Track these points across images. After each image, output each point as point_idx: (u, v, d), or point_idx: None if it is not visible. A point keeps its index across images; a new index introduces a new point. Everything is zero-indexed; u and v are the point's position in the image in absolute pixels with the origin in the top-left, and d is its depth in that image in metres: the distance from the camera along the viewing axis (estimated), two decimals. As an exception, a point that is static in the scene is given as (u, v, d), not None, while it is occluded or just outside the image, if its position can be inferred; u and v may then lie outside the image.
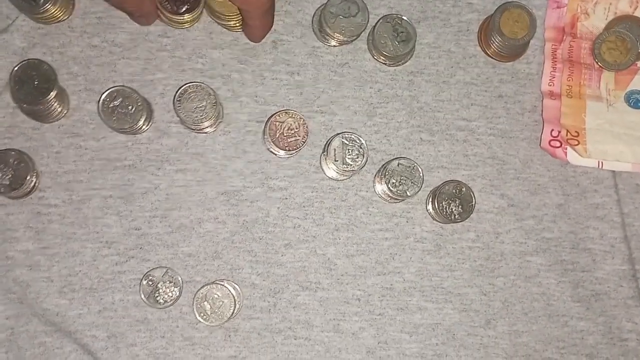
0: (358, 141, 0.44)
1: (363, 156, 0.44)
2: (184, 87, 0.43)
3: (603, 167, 0.46)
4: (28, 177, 0.43)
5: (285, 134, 0.44)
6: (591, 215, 0.47)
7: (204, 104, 0.43)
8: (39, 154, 0.45)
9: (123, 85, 0.44)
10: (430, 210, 0.46)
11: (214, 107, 0.43)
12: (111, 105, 0.43)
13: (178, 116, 0.43)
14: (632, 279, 0.46)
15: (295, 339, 0.45)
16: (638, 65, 0.47)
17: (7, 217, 0.44)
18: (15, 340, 0.43)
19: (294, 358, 0.44)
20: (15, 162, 0.43)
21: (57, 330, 0.43)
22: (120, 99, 0.43)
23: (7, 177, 0.42)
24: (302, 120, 0.44)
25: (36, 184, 0.44)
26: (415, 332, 0.45)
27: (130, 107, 0.43)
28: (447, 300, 0.46)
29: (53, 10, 0.43)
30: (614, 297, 0.46)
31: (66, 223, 0.44)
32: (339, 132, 0.45)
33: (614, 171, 0.47)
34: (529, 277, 0.46)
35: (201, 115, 0.42)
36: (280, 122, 0.44)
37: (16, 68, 0.43)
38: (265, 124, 0.45)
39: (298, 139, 0.44)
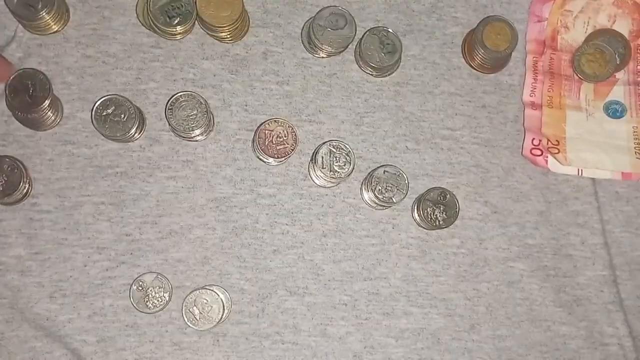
0: (345, 149, 0.45)
1: (350, 163, 0.45)
2: (176, 95, 0.44)
3: (583, 175, 0.47)
4: (21, 184, 0.44)
5: (274, 142, 0.45)
6: (572, 222, 0.48)
7: (195, 112, 0.44)
8: (32, 161, 0.45)
9: (116, 94, 0.45)
10: (416, 216, 0.47)
11: (205, 115, 0.44)
12: (104, 113, 0.44)
13: (169, 124, 0.44)
14: (612, 285, 0.47)
15: (282, 344, 0.45)
16: (616, 77, 0.49)
17: (-1, 223, 0.45)
18: (5, 345, 0.44)
19: (282, 362, 0.45)
20: (9, 169, 0.43)
21: (47, 335, 0.44)
22: (112, 107, 0.44)
23: (1, 183, 0.43)
24: (290, 128, 0.45)
25: (29, 191, 0.45)
26: (401, 337, 0.46)
27: (122, 116, 0.44)
28: (432, 305, 0.46)
29: (48, 19, 0.44)
30: (595, 302, 0.47)
31: (58, 229, 0.45)
32: (326, 140, 0.46)
33: (593, 179, 0.48)
34: (512, 283, 0.47)
35: (192, 124, 0.44)
36: (269, 130, 0.45)
37: (12, 77, 0.44)
38: (255, 132, 0.46)
39: (287, 147, 0.45)
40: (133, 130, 0.45)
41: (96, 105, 0.44)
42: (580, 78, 0.48)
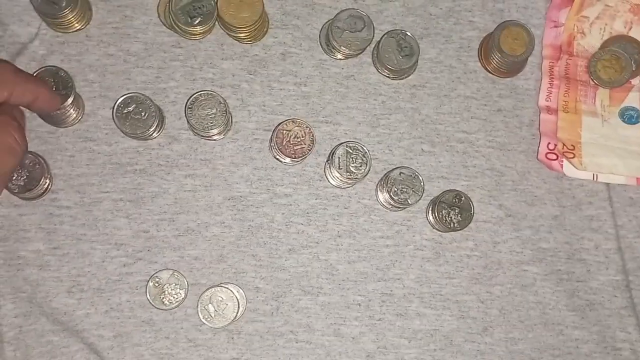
0: (362, 150, 0.46)
1: (366, 164, 0.45)
2: (196, 94, 0.45)
3: (598, 180, 0.48)
4: (42, 179, 0.44)
5: (291, 142, 0.46)
6: (586, 226, 0.48)
7: (214, 111, 0.44)
8: (53, 157, 0.46)
9: (137, 92, 0.45)
10: (430, 219, 0.47)
11: (224, 115, 0.44)
12: (125, 111, 0.45)
13: (189, 123, 0.45)
14: (625, 290, 0.48)
15: (296, 342, 0.46)
16: (632, 83, 0.49)
17: (19, 218, 0.45)
18: (23, 338, 0.44)
19: (296, 361, 0.45)
20: (31, 164, 0.44)
21: (64, 329, 0.44)
22: (134, 105, 0.45)
23: (22, 178, 0.44)
24: (308, 129, 0.46)
25: (49, 186, 0.46)
26: (414, 338, 0.46)
27: (143, 114, 0.45)
28: (445, 307, 0.47)
29: (70, 17, 0.45)
30: (608, 307, 0.47)
31: (77, 224, 0.46)
32: (343, 141, 0.46)
33: (608, 184, 0.48)
34: (525, 286, 0.47)
35: (211, 122, 0.44)
36: (287, 130, 0.46)
37: (35, 74, 0.44)
38: (273, 132, 0.46)
39: (304, 147, 0.45)
40: (153, 129, 0.45)
41: (117, 102, 0.45)
42: (596, 84, 0.48)
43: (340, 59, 0.49)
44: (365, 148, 0.46)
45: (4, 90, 0.39)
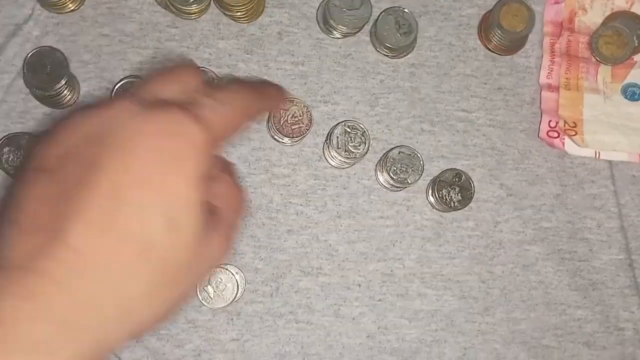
0: (360, 129, 0.45)
1: (365, 144, 0.45)
2: (192, 72, 0.44)
3: (600, 157, 0.47)
4: (38, 161, 0.44)
5: (289, 122, 0.45)
6: (588, 205, 0.48)
7: (210, 89, 0.44)
8: (49, 139, 0.46)
9: (137, 76, 0.45)
10: (430, 198, 0.47)
11: (220, 92, 0.44)
12: (121, 94, 0.45)
13: (185, 102, 0.45)
14: (628, 269, 0.47)
15: (296, 323, 0.45)
16: (634, 59, 0.48)
17: (16, 200, 0.45)
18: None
19: (295, 342, 0.45)
20: (27, 145, 0.44)
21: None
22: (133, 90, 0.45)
23: (19, 159, 0.43)
24: (306, 108, 0.45)
25: (46, 168, 0.45)
26: (415, 318, 0.46)
27: None
28: (446, 287, 0.46)
29: (65, -2, 0.45)
30: (611, 287, 0.47)
31: (74, 206, 0.45)
32: (341, 120, 0.46)
33: (610, 162, 0.48)
34: (527, 266, 0.47)
35: (207, 100, 0.44)
36: (284, 110, 0.45)
37: (29, 55, 0.44)
38: (270, 112, 0.46)
39: (302, 127, 0.45)
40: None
41: (117, 87, 0.44)
42: (597, 60, 0.48)
43: (338, 38, 0.48)
44: (363, 127, 0.45)
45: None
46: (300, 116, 0.45)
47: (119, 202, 0.26)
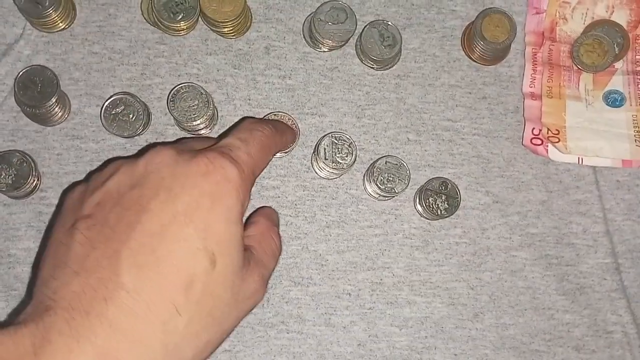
0: (347, 140, 0.46)
1: (352, 154, 0.46)
2: (177, 87, 0.45)
3: (583, 163, 0.48)
4: (30, 178, 0.44)
5: (276, 134, 0.46)
6: (574, 210, 0.48)
7: (196, 102, 0.45)
8: (41, 155, 0.46)
9: (126, 93, 0.46)
10: (418, 207, 0.47)
11: (206, 105, 0.45)
12: (113, 112, 0.45)
13: (172, 116, 0.45)
14: (615, 272, 0.48)
15: (288, 333, 0.46)
16: (615, 67, 0.49)
17: (9, 217, 0.46)
18: (15, 336, 0.44)
19: (287, 351, 0.45)
20: (18, 163, 0.44)
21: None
22: (122, 107, 0.45)
23: (10, 177, 0.44)
24: (291, 121, 0.46)
25: (38, 185, 0.46)
26: (405, 326, 0.46)
27: (131, 116, 0.45)
28: (435, 294, 0.47)
29: (54, 16, 0.45)
30: (599, 290, 0.47)
31: (66, 222, 0.46)
32: (328, 132, 0.47)
33: (594, 168, 0.48)
34: (514, 272, 0.47)
35: (194, 114, 0.44)
36: (272, 122, 0.46)
37: (20, 74, 0.45)
38: (258, 125, 0.47)
39: (289, 139, 0.46)
40: (140, 129, 0.46)
41: (106, 103, 0.45)
42: (579, 68, 0.49)
43: (324, 51, 0.49)
44: (350, 138, 0.46)
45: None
46: (287, 129, 0.46)
47: (165, 240, 0.27)
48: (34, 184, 0.45)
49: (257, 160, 0.33)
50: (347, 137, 0.46)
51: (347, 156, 0.46)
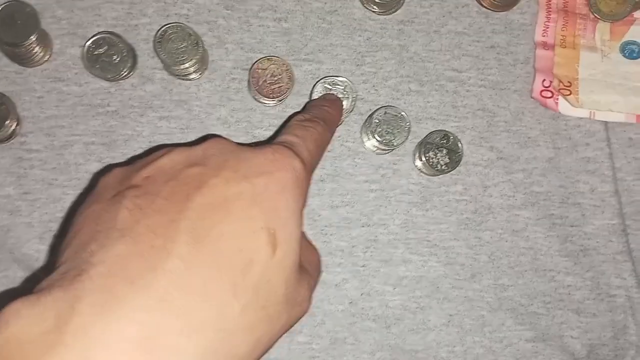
0: (342, 84, 0.43)
1: (348, 99, 0.43)
2: (164, 28, 0.42)
3: (595, 117, 0.45)
4: (8, 121, 0.42)
5: (268, 82, 0.43)
6: (582, 169, 0.46)
7: (184, 44, 0.42)
8: (21, 98, 0.44)
9: (110, 32, 0.43)
10: (418, 162, 0.45)
11: (195, 48, 0.42)
12: (95, 52, 0.43)
13: (160, 58, 0.43)
14: (622, 234, 0.45)
15: (277, 289, 0.44)
16: (634, 16, 0.46)
17: (-12, 162, 0.44)
18: (-3, 285, 0.43)
19: (276, 308, 0.44)
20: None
21: (36, 276, 0.43)
22: (105, 47, 0.43)
23: (-10, 118, 0.42)
24: (285, 66, 0.43)
25: (17, 129, 0.44)
26: (399, 285, 0.45)
27: (115, 57, 0.43)
28: (432, 253, 0.45)
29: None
30: (603, 253, 0.45)
31: (47, 169, 0.44)
32: (321, 77, 0.44)
33: (606, 124, 0.46)
34: (516, 231, 0.45)
35: (182, 57, 0.42)
36: (262, 69, 0.43)
37: (-1, 9, 0.42)
38: (249, 71, 0.44)
39: (282, 86, 0.43)
40: (124, 71, 0.43)
41: (88, 43, 0.42)
42: (595, 17, 0.45)
43: (323, -7, 0.46)
44: (346, 80, 0.43)
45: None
46: (279, 75, 0.43)
47: (228, 216, 0.25)
48: (12, 128, 0.43)
49: (314, 156, 0.32)
50: (341, 80, 0.43)
51: (343, 101, 0.43)
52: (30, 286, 0.42)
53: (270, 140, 0.45)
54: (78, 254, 0.23)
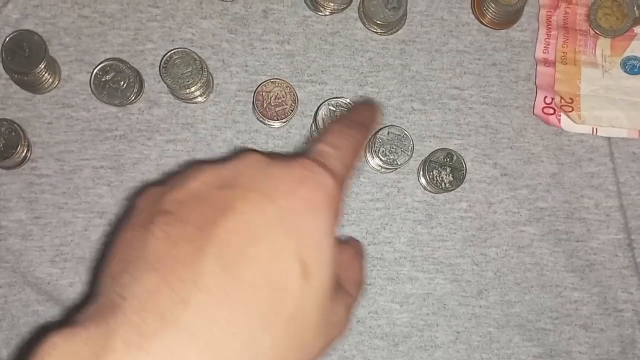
0: (345, 105, 0.44)
1: (352, 124, 0.43)
2: (170, 53, 0.43)
3: (597, 134, 0.45)
4: (19, 147, 0.43)
5: (272, 104, 0.44)
6: (586, 184, 0.46)
7: (190, 69, 0.43)
8: (31, 124, 0.45)
9: (116, 59, 0.44)
10: (422, 180, 0.45)
11: (200, 72, 0.43)
12: (103, 79, 0.44)
13: (165, 83, 0.43)
14: (627, 249, 0.46)
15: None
16: (634, 31, 0.46)
17: (0, 188, 0.44)
18: (9, 308, 0.44)
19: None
20: (7, 132, 0.43)
21: (48, 299, 0.44)
22: (112, 74, 0.44)
23: (1, 144, 0.43)
24: (289, 88, 0.44)
25: (28, 155, 0.45)
26: (406, 302, 0.45)
27: (121, 83, 0.44)
28: (438, 270, 0.45)
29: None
30: (609, 267, 0.45)
31: (58, 193, 0.45)
32: (325, 99, 0.44)
33: (609, 139, 0.46)
34: (521, 247, 0.46)
35: (188, 81, 0.42)
36: (266, 92, 0.44)
37: (7, 39, 0.43)
38: (253, 94, 0.45)
39: (286, 108, 0.44)
40: (131, 97, 0.44)
41: (96, 70, 0.43)
42: (596, 33, 0.46)
43: (325, 15, 0.46)
44: (348, 101, 0.44)
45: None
46: (283, 97, 0.44)
47: (254, 243, 0.24)
48: (23, 154, 0.44)
49: (350, 167, 0.30)
50: (345, 101, 0.44)
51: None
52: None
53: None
54: (111, 286, 0.24)
